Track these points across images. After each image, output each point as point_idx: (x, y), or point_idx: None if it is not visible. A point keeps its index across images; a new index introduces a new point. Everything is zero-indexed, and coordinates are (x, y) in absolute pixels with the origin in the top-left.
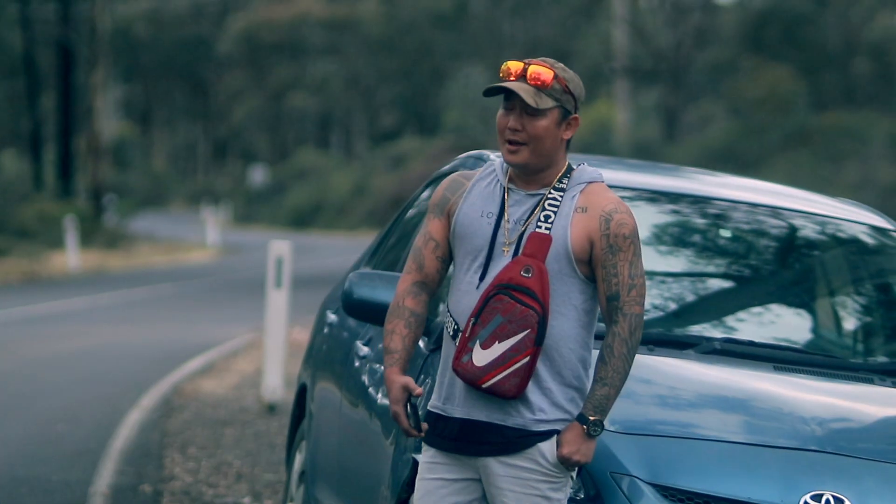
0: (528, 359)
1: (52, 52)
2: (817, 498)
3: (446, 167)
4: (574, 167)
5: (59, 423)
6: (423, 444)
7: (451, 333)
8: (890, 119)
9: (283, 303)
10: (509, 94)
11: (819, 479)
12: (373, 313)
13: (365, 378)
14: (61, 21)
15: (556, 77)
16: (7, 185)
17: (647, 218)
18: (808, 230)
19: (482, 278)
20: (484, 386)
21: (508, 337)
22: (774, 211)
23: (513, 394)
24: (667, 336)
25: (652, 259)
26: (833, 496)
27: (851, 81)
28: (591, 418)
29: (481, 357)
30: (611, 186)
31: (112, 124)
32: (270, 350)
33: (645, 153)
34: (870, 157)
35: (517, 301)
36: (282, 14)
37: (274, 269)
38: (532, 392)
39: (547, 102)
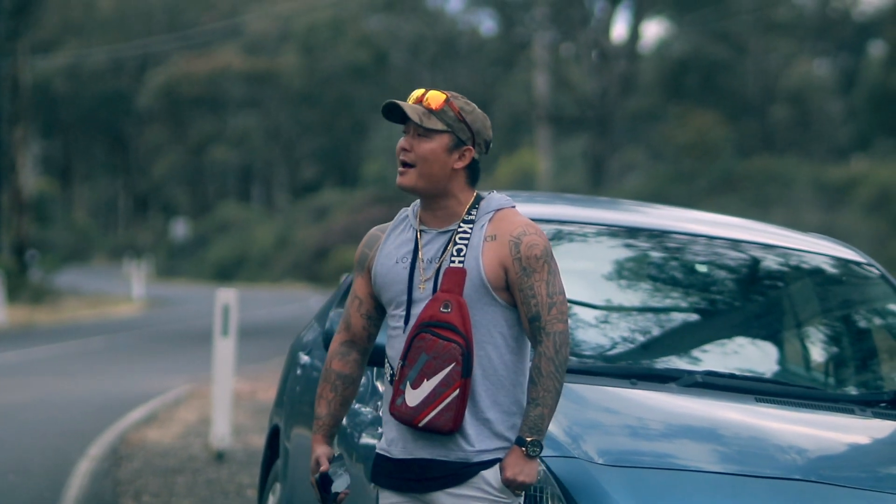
0: (458, 392)
1: None
2: None
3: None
4: (483, 197)
5: (10, 474)
6: (377, 488)
7: (389, 379)
8: (811, 164)
9: (230, 351)
10: (406, 120)
11: None
12: None
13: (344, 419)
14: None
15: (447, 102)
16: None
17: (627, 252)
18: (781, 263)
19: (406, 321)
20: (420, 425)
21: (436, 373)
22: (746, 245)
23: (449, 428)
24: (649, 370)
25: (631, 294)
26: None
27: (770, 128)
28: (529, 439)
29: (413, 397)
30: (581, 223)
31: (32, 180)
32: (218, 398)
33: None
34: (795, 202)
35: (439, 337)
36: (201, 67)
37: (221, 317)
38: (470, 425)
39: (435, 124)
